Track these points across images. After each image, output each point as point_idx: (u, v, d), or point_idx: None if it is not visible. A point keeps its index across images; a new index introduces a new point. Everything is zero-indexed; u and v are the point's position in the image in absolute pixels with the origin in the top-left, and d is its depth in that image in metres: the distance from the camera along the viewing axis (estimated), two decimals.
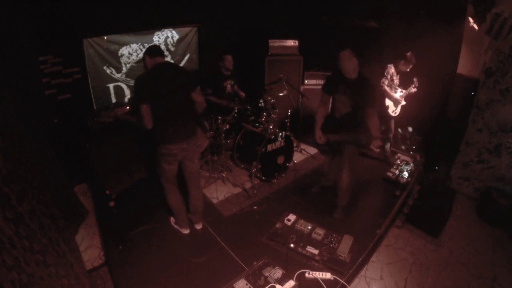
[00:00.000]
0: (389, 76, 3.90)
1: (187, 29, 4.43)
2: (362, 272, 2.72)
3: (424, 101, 4.07)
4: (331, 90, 2.89)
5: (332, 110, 2.99)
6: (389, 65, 3.89)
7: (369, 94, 2.75)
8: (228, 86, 4.09)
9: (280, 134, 3.75)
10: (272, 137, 3.65)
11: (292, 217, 3.02)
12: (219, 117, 3.65)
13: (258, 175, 3.74)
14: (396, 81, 3.94)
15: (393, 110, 4.06)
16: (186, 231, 2.94)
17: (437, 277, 2.72)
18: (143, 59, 2.46)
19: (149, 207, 3.26)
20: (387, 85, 3.92)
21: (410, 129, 4.01)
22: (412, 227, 3.30)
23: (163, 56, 2.46)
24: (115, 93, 3.97)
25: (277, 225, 2.95)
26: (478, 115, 3.61)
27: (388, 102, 3.99)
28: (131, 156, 3.58)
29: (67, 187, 3.14)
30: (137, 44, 3.93)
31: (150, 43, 4.05)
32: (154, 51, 2.40)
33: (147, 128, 2.37)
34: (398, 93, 3.96)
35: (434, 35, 3.78)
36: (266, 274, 2.29)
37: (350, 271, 2.49)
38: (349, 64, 2.65)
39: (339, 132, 2.92)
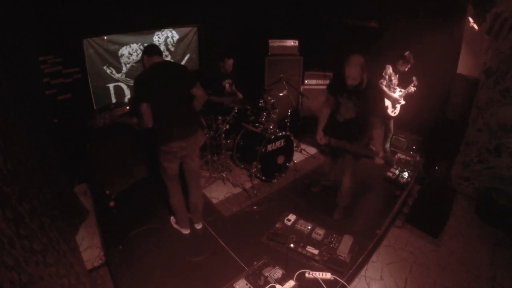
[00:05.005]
0: (387, 77, 3.91)
1: (187, 29, 4.43)
2: (362, 272, 2.72)
3: (424, 101, 4.07)
4: (336, 92, 2.78)
5: (335, 112, 2.89)
6: (387, 66, 3.90)
7: (375, 103, 2.65)
8: (227, 85, 4.09)
9: (280, 134, 3.75)
10: (272, 137, 3.65)
11: (292, 217, 3.02)
12: (219, 117, 3.65)
13: (258, 175, 3.74)
14: (395, 81, 3.94)
15: (392, 110, 4.07)
16: (186, 231, 2.95)
17: (437, 277, 2.72)
18: (141, 59, 2.49)
19: (149, 207, 3.26)
20: (385, 86, 3.93)
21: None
22: (412, 227, 3.30)
23: (161, 55, 2.47)
24: (115, 93, 3.97)
25: (277, 225, 2.95)
26: (478, 115, 3.61)
27: (386, 102, 4.00)
28: (131, 156, 3.58)
29: (67, 187, 3.14)
30: (137, 44, 3.93)
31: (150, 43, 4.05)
32: (151, 50, 2.42)
33: (147, 126, 2.38)
34: (397, 93, 3.97)
35: (434, 35, 3.78)
36: (266, 274, 2.29)
37: (350, 271, 2.49)
38: (350, 71, 2.49)
39: (341, 139, 2.85)
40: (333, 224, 3.06)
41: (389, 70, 3.89)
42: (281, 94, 4.15)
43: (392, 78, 3.92)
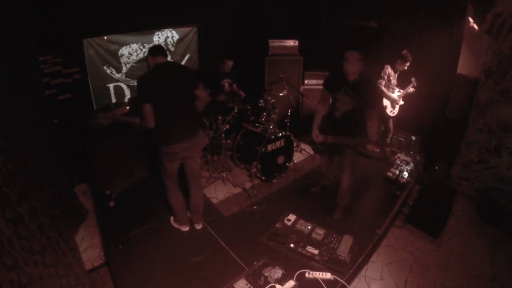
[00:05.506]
0: (386, 77, 3.90)
1: (187, 29, 4.43)
2: (362, 272, 2.72)
3: (424, 101, 4.07)
4: (333, 88, 2.84)
5: (332, 109, 2.94)
6: (386, 66, 3.89)
7: (370, 95, 2.73)
8: (226, 85, 4.09)
9: (280, 134, 3.75)
10: (272, 137, 3.65)
11: (292, 217, 3.02)
12: (219, 117, 3.65)
13: (258, 175, 3.73)
14: (394, 81, 3.94)
15: (391, 110, 4.06)
16: (185, 228, 2.95)
17: (437, 277, 2.72)
18: (146, 59, 2.49)
19: (149, 207, 3.26)
20: (384, 86, 3.92)
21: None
22: (412, 227, 3.30)
23: (165, 55, 2.46)
24: (115, 93, 3.97)
25: (277, 225, 2.95)
26: (478, 115, 3.61)
27: (385, 102, 4.00)
28: (131, 156, 3.58)
29: (67, 187, 3.14)
30: (137, 44, 3.93)
31: (150, 43, 4.06)
32: (155, 51, 2.42)
33: (149, 127, 2.39)
34: (396, 93, 3.96)
35: (434, 35, 3.78)
36: (266, 274, 2.29)
37: (350, 271, 2.49)
38: (351, 67, 2.62)
39: (339, 134, 2.87)
40: (333, 224, 3.06)
41: (388, 70, 3.88)
42: (281, 94, 4.15)
43: (391, 78, 3.91)
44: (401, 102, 4.02)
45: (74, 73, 3.39)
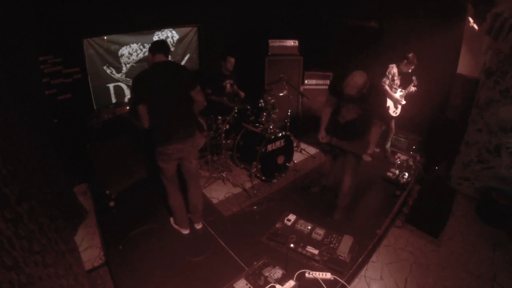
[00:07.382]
0: (390, 76, 3.87)
1: (187, 29, 4.43)
2: (362, 272, 2.72)
3: (424, 101, 4.07)
4: (337, 94, 2.79)
5: (337, 113, 2.90)
6: (391, 65, 3.85)
7: (375, 105, 2.67)
8: (228, 86, 4.10)
9: (280, 134, 3.75)
10: (272, 137, 3.65)
11: (292, 217, 3.02)
12: (219, 117, 3.65)
13: (258, 175, 3.73)
14: (397, 81, 3.92)
15: (394, 110, 4.06)
16: (186, 231, 2.94)
17: (437, 277, 2.72)
18: (146, 56, 2.47)
19: (149, 207, 3.26)
20: (388, 85, 3.91)
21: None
22: (412, 227, 3.30)
23: (166, 53, 2.42)
24: (115, 93, 3.97)
25: (277, 225, 2.95)
26: (478, 115, 3.61)
27: (388, 102, 3.98)
28: (131, 156, 3.58)
29: (67, 187, 3.14)
30: (137, 44, 3.93)
31: (150, 43, 4.05)
32: (156, 47, 2.39)
33: (144, 127, 2.38)
34: (398, 93, 3.96)
35: (434, 35, 3.78)
36: (266, 274, 2.29)
37: (350, 271, 2.49)
38: (349, 90, 2.53)
39: (342, 139, 2.89)
40: (333, 224, 3.06)
41: (393, 69, 3.84)
42: (281, 94, 4.15)
43: (395, 78, 3.89)
44: (404, 102, 4.01)
45: (74, 73, 3.39)
